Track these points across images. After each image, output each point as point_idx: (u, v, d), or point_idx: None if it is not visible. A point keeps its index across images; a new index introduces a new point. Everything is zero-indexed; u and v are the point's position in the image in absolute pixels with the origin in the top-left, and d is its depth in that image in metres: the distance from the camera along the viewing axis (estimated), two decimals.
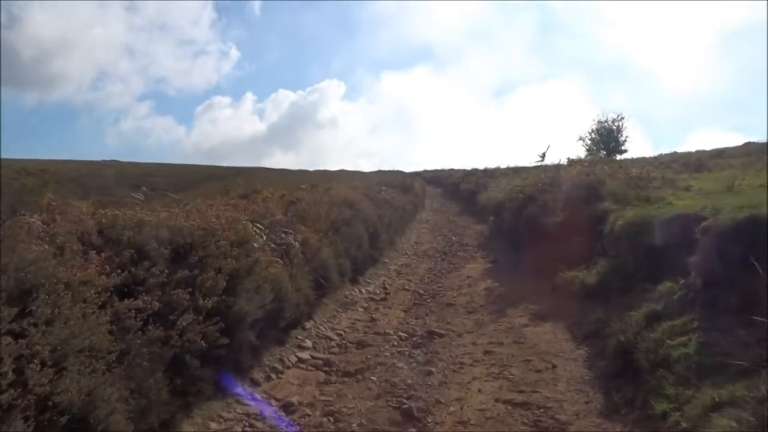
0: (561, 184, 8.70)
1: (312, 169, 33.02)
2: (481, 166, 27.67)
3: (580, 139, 25.49)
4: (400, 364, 4.69)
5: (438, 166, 45.90)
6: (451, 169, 37.33)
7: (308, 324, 5.56)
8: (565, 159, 11.34)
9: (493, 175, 19.66)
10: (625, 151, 24.97)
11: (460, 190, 21.99)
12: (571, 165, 10.40)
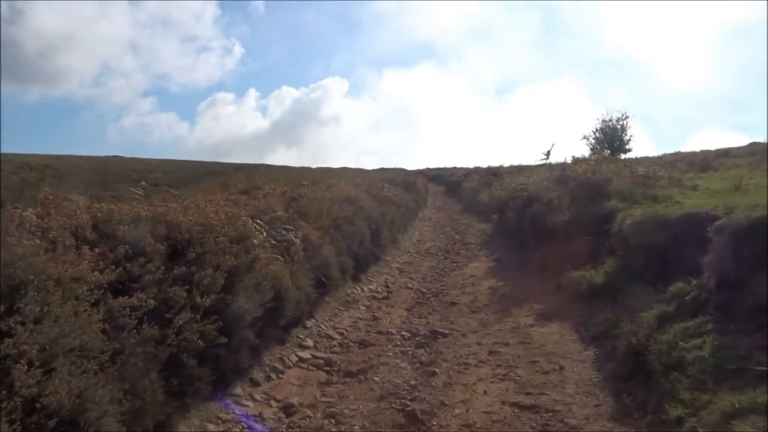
0: (567, 183, 8.58)
1: (314, 166, 32.92)
2: (483, 165, 27.59)
3: (584, 138, 25.31)
4: (404, 364, 4.59)
5: (440, 164, 45.74)
6: (453, 168, 37.31)
7: (309, 323, 5.45)
8: (569, 158, 11.25)
9: (496, 173, 19.55)
10: (629, 150, 24.73)
11: (462, 188, 21.87)
12: (576, 163, 10.28)
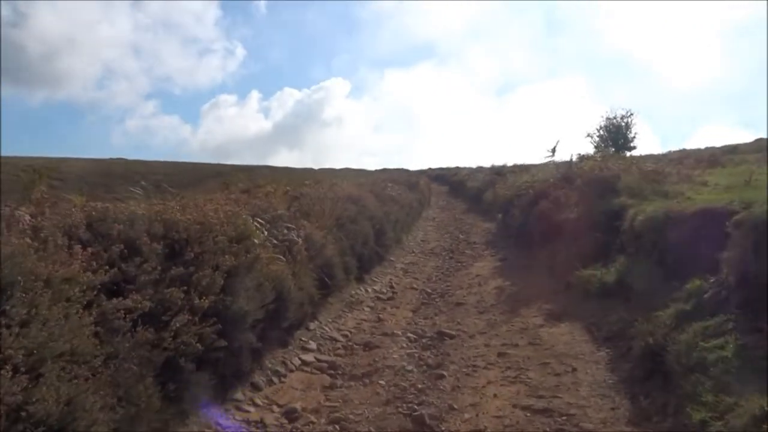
0: (574, 179, 8.42)
1: (317, 167, 32.80)
2: (486, 164, 27.40)
3: (588, 135, 25.15)
4: (410, 366, 4.45)
5: (443, 164, 45.46)
6: (456, 167, 37.13)
7: (312, 324, 5.31)
8: (575, 155, 11.10)
9: (500, 172, 19.38)
10: (634, 147, 24.55)
11: (466, 187, 21.73)
12: (583, 160, 10.13)
